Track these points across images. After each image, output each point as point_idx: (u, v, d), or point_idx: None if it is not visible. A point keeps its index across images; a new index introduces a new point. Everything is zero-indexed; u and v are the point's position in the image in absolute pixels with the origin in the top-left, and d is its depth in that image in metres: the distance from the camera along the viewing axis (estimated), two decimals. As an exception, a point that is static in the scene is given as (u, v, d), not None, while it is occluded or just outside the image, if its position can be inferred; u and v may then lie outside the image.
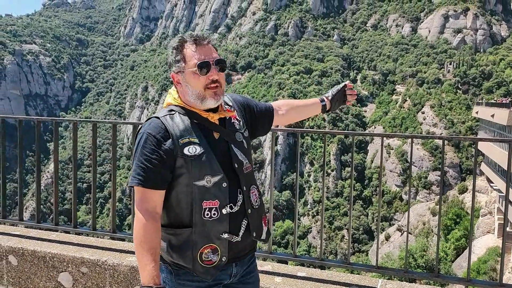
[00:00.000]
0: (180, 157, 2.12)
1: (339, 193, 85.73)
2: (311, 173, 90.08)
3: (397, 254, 44.16)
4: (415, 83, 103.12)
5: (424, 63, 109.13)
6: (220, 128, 2.27)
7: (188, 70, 2.19)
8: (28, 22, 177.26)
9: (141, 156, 2.11)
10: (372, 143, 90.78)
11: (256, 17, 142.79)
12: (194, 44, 2.21)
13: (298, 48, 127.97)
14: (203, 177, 2.13)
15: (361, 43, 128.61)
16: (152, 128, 2.15)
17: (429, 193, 77.27)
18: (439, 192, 72.02)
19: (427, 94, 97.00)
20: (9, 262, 4.09)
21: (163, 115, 2.20)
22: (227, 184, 2.17)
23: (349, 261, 3.84)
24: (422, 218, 59.39)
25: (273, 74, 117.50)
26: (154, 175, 2.10)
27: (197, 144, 2.14)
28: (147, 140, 2.12)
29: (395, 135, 4.47)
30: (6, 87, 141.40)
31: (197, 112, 2.23)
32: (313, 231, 79.69)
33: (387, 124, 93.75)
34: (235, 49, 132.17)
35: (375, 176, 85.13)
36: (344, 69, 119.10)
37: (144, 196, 2.12)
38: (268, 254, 4.02)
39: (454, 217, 46.37)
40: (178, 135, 2.14)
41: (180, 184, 2.15)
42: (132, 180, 2.12)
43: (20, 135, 4.58)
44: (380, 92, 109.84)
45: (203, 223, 2.12)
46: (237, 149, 2.28)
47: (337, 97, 2.90)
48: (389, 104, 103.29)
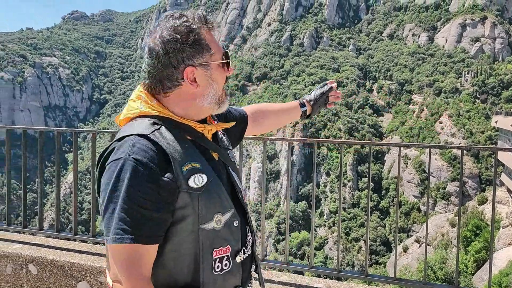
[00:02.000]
0: (184, 192, 1.46)
1: (355, 203, 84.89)
2: (327, 184, 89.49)
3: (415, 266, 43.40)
4: (432, 92, 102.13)
5: (442, 73, 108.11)
6: (216, 147, 1.66)
7: (216, 63, 1.61)
8: (48, 35, 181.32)
9: (130, 199, 1.39)
10: (389, 153, 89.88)
11: (271, 28, 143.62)
12: (207, 28, 1.65)
13: (313, 58, 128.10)
14: (213, 216, 1.52)
15: (377, 52, 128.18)
16: (140, 152, 1.43)
17: (448, 204, 75.97)
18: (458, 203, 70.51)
19: (444, 104, 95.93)
20: (29, 271, 4.14)
21: (150, 132, 1.48)
22: (239, 222, 1.62)
23: (367, 272, 3.80)
24: (441, 230, 58.33)
25: (289, 84, 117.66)
26: (152, 226, 1.42)
27: (201, 171, 1.51)
28: (137, 172, 1.40)
29: (413, 145, 4.42)
30: (27, 99, 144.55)
31: (190, 124, 1.59)
32: (329, 242, 78.92)
33: (404, 134, 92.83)
34: (251, 60, 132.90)
35: (392, 186, 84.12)
36: (360, 79, 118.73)
37: (136, 255, 1.41)
38: (284, 265, 4.00)
39: (473, 229, 45.42)
40: (179, 159, 1.47)
41: (181, 231, 1.50)
42: (122, 236, 1.39)
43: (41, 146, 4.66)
44: (396, 101, 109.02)
45: (214, 280, 1.53)
46: (235, 174, 1.71)
47: (320, 101, 2.44)
48: (406, 114, 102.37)
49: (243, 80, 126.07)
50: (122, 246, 1.40)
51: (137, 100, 1.60)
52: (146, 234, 1.41)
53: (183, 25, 1.58)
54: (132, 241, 1.39)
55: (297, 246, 73.39)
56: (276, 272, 4.01)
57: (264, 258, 4.05)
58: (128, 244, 1.39)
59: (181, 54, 1.54)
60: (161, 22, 1.63)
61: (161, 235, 1.45)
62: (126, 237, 1.39)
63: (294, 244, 72.69)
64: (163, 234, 1.47)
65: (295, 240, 73.23)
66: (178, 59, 1.55)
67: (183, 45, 1.55)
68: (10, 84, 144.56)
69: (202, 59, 1.58)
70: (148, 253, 1.43)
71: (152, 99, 1.59)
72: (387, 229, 78.62)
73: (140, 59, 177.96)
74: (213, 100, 1.61)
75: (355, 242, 76.49)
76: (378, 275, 4.23)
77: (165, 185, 1.43)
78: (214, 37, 1.65)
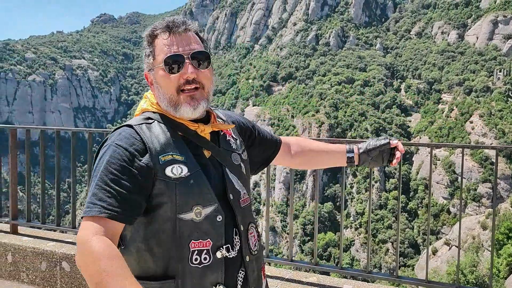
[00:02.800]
0: (160, 180, 1.53)
1: (382, 205, 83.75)
2: (353, 185, 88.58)
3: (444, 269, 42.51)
4: (462, 91, 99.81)
5: (472, 71, 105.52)
6: (212, 145, 1.71)
7: (157, 67, 1.65)
8: (78, 38, 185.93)
9: (106, 175, 1.48)
10: (417, 153, 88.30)
11: (297, 27, 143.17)
12: (167, 32, 1.66)
13: (339, 57, 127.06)
14: (191, 208, 1.55)
15: (405, 51, 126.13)
16: (123, 138, 1.56)
17: (479, 206, 74.10)
18: (492, 204, 68.86)
19: (475, 103, 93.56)
20: (62, 268, 4.24)
21: (138, 123, 1.63)
22: (223, 218, 1.61)
23: (397, 274, 3.73)
24: (472, 232, 56.94)
25: (314, 84, 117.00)
26: (123, 202, 1.46)
27: (183, 163, 1.58)
28: (115, 153, 1.52)
29: (446, 145, 4.32)
30: (57, 101, 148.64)
31: (183, 123, 1.68)
32: (356, 243, 78.09)
33: (433, 134, 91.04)
34: (276, 60, 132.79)
35: (420, 188, 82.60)
36: (387, 78, 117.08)
37: (99, 225, 1.42)
38: (313, 265, 3.97)
39: (506, 232, 44.12)
40: (159, 149, 1.56)
41: (158, 219, 1.55)
42: (90, 209, 1.44)
43: (73, 146, 4.77)
44: (425, 101, 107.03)
45: (191, 272, 1.52)
46: (233, 175, 1.71)
47: (374, 154, 2.11)
48: (435, 114, 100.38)
49: (268, 80, 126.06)
50: (90, 218, 1.42)
51: (144, 100, 1.77)
52: (113, 209, 1.43)
53: (147, 30, 1.71)
54: (98, 213, 1.42)
55: (323, 248, 72.92)
56: (304, 273, 3.99)
57: (292, 259, 4.04)
58: (93, 215, 1.42)
59: (145, 59, 1.72)
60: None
61: (129, 216, 1.47)
62: (97, 210, 1.42)
63: (320, 245, 72.26)
64: (132, 216, 1.49)
65: (321, 241, 72.80)
66: (146, 64, 1.72)
67: (144, 52, 1.72)
68: (42, 86, 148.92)
69: (149, 63, 1.69)
70: (113, 228, 1.44)
71: (154, 97, 1.73)
72: (415, 231, 77.27)
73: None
74: (165, 103, 1.65)
75: (382, 244, 75.46)
76: (409, 277, 4.15)
77: (139, 168, 1.50)
78: (176, 39, 1.65)
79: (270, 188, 4.71)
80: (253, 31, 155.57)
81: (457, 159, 76.52)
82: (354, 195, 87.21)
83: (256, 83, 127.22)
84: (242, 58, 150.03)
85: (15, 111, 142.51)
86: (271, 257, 4.29)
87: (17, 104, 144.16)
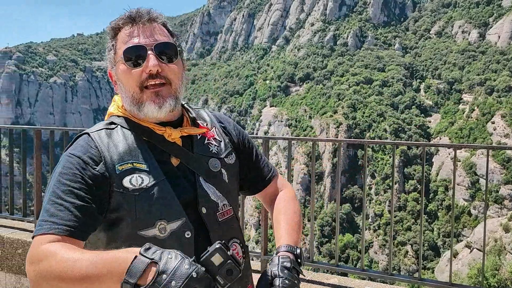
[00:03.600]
0: (117, 192, 1.35)
1: (402, 206, 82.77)
2: (372, 186, 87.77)
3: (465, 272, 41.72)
4: (483, 91, 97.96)
5: (494, 71, 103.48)
6: (181, 151, 1.50)
7: (118, 62, 1.48)
8: (98, 40, 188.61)
9: (57, 188, 1.31)
10: (437, 154, 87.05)
11: (314, 28, 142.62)
12: (129, 23, 1.48)
13: (357, 58, 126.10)
14: (154, 223, 1.36)
15: (425, 51, 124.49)
16: (78, 147, 1.41)
17: (501, 208, 72.59)
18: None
19: (497, 103, 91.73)
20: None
21: (96, 130, 1.46)
22: (192, 234, 1.41)
23: (420, 276, 3.68)
24: (494, 235, 55.81)
25: (332, 85, 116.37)
26: (77, 215, 1.28)
27: (144, 172, 1.39)
28: (68, 163, 1.36)
29: (469, 146, 4.25)
30: (78, 102, 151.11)
31: (149, 126, 1.48)
32: (374, 245, 77.34)
33: (454, 135, 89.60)
34: (293, 60, 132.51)
35: (440, 189, 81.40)
36: (406, 78, 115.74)
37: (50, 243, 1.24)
38: (334, 267, 3.95)
39: (530, 234, 43.19)
40: (115, 158, 1.39)
41: (116, 237, 1.37)
42: (41, 227, 1.26)
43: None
44: (445, 101, 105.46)
45: None
46: (209, 184, 1.50)
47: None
48: (456, 114, 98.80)
49: (285, 81, 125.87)
50: (40, 237, 1.24)
51: (112, 103, 1.61)
52: (65, 223, 1.26)
53: (109, 26, 1.52)
54: (47, 230, 1.24)
55: (341, 249, 72.46)
56: (325, 275, 3.97)
57: (312, 260, 4.03)
58: (44, 233, 1.24)
59: (107, 55, 1.54)
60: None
61: (83, 230, 1.29)
62: (47, 227, 1.24)
63: (339, 247, 71.78)
64: (87, 231, 1.31)
65: (339, 242, 72.05)
66: (108, 60, 1.55)
67: (107, 46, 1.54)
68: (63, 88, 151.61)
69: (111, 59, 1.52)
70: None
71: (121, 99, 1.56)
72: (435, 233, 76.14)
73: (185, 62, 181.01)
74: (128, 102, 1.48)
75: (402, 246, 74.57)
76: (432, 279, 4.10)
77: (93, 176, 1.34)
78: (139, 31, 1.47)
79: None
80: (270, 32, 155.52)
81: (479, 160, 75.15)
82: (372, 196, 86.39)
83: (274, 83, 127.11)
84: (259, 59, 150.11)
85: (37, 112, 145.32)
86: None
87: (38, 105, 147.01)
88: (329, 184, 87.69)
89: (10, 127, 5.39)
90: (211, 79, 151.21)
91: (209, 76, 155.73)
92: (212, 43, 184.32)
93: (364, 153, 4.28)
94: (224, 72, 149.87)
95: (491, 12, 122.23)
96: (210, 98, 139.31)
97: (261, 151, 1.93)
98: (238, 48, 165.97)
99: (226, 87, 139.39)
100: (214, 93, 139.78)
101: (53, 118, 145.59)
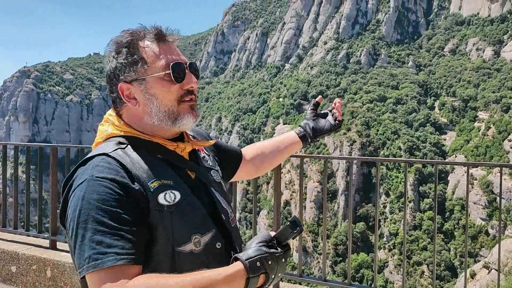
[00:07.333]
0: (153, 211, 1.31)
1: (417, 225, 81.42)
2: (386, 204, 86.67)
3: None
4: (499, 109, 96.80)
5: (510, 88, 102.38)
6: (193, 165, 1.53)
7: (153, 76, 1.42)
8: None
9: (102, 216, 1.21)
10: (453, 173, 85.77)
11: (327, 46, 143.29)
12: (154, 40, 1.45)
13: (371, 76, 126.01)
14: (190, 237, 1.35)
15: (439, 69, 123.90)
16: (102, 169, 1.30)
17: (520, 227, 70.99)
18: (532, 226, 66.04)
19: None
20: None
21: (112, 150, 1.38)
22: (222, 244, 1.44)
23: (435, 298, 3.61)
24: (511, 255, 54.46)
25: (345, 102, 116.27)
26: (132, 242, 1.23)
27: (173, 188, 1.37)
28: (101, 187, 1.25)
29: (483, 164, 4.21)
30: (93, 120, 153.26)
31: (161, 143, 1.47)
32: (389, 265, 75.98)
33: (469, 153, 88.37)
34: (306, 78, 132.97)
35: (456, 208, 79.99)
36: (420, 96, 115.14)
37: (120, 278, 1.17)
38: (347, 286, 3.91)
39: (550, 255, 42.02)
40: (144, 176, 1.34)
41: (153, 256, 1.31)
42: (101, 260, 1.17)
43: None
44: (460, 119, 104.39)
45: None
46: (218, 194, 1.54)
47: (313, 119, 2.17)
48: (471, 132, 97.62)
49: (299, 98, 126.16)
50: (104, 271, 1.17)
51: (105, 124, 1.54)
52: (128, 252, 1.20)
53: (118, 39, 1.47)
54: (114, 262, 1.17)
55: (355, 269, 71.29)
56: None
57: (325, 279, 3.99)
58: (110, 266, 1.17)
59: (116, 70, 1.46)
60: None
61: (143, 254, 1.26)
62: (107, 260, 1.17)
63: (353, 266, 70.68)
64: (144, 254, 1.27)
65: (354, 262, 71.21)
66: (115, 75, 1.47)
67: (116, 60, 1.46)
68: (79, 106, 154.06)
69: (136, 73, 1.44)
70: (133, 275, 1.20)
71: (120, 120, 1.51)
72: (451, 253, 74.60)
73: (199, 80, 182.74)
74: (161, 117, 1.44)
75: (417, 266, 73.12)
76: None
77: (134, 196, 1.28)
78: (166, 49, 1.46)
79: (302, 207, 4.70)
80: (283, 50, 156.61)
81: (495, 178, 73.88)
82: (387, 215, 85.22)
83: (287, 101, 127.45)
84: (272, 77, 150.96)
85: (53, 130, 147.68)
86: (303, 277, 4.26)
87: (55, 123, 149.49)
88: (343, 202, 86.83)
89: (27, 145, 5.49)
90: (225, 97, 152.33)
91: (223, 94, 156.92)
92: (225, 61, 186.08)
93: (377, 171, 4.27)
94: (237, 90, 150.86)
95: (506, 29, 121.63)
96: (223, 116, 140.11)
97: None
98: (251, 66, 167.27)
99: (239, 105, 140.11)
100: (227, 111, 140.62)
101: (69, 136, 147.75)
